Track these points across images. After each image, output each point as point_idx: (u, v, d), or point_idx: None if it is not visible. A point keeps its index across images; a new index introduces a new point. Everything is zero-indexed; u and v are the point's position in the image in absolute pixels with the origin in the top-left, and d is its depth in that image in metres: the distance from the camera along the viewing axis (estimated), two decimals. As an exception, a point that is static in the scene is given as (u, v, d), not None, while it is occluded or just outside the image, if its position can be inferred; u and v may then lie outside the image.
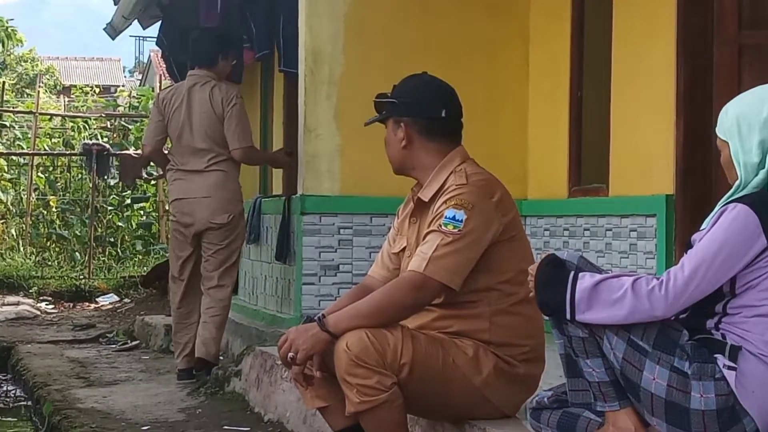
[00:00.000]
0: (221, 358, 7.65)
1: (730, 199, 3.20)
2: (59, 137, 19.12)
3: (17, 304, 13.19)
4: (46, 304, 13.69)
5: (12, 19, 27.79)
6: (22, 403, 8.09)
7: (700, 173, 6.11)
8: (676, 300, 3.13)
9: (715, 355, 3.15)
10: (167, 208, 16.35)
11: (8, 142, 18.92)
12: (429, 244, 3.89)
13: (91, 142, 15.94)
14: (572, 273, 3.25)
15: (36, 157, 17.27)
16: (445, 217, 3.89)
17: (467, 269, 3.90)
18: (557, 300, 3.24)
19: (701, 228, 3.26)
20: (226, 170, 7.33)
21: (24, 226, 16.90)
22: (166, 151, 7.73)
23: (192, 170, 7.35)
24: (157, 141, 7.60)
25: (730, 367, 3.12)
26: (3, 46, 28.25)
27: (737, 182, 3.23)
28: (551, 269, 3.30)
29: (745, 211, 3.13)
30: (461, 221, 3.87)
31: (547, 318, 3.43)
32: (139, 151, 15.40)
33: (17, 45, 30.82)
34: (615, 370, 3.25)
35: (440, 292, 3.91)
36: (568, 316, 3.22)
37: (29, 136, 18.14)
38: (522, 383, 4.05)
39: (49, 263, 15.99)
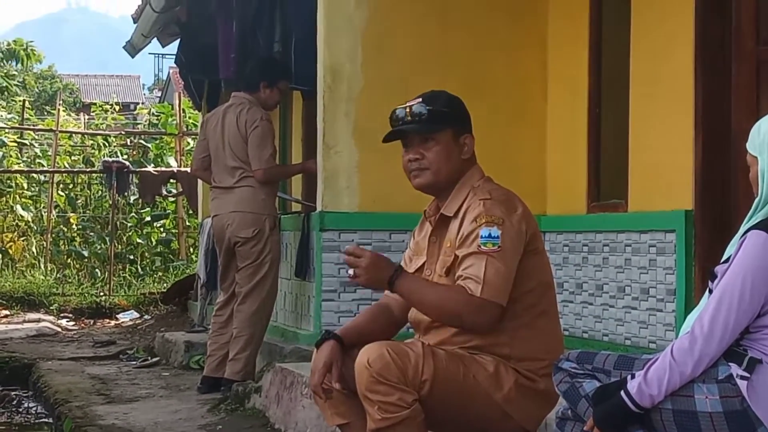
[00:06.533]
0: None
1: (749, 227, 3.22)
2: (79, 155, 19.21)
3: (38, 321, 13.24)
4: (67, 321, 13.73)
5: (32, 41, 27.92)
6: (44, 419, 8.13)
7: (720, 188, 6.11)
8: (712, 338, 3.16)
9: (729, 363, 3.17)
10: (187, 224, 16.49)
11: (29, 160, 19.02)
12: (474, 269, 3.87)
13: (110, 159, 16.02)
14: (621, 391, 3.25)
15: (56, 175, 17.35)
16: (482, 237, 3.89)
17: (510, 284, 3.91)
18: (621, 414, 3.25)
19: (723, 257, 3.28)
20: (253, 186, 7.53)
21: (44, 243, 16.96)
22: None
23: (224, 187, 7.64)
24: (200, 160, 7.93)
25: (742, 377, 3.14)
26: (23, 64, 28.39)
27: (756, 199, 3.25)
28: (605, 406, 3.30)
29: (763, 237, 3.15)
30: (498, 237, 3.88)
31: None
32: (158, 169, 15.55)
33: (36, 63, 30.98)
34: None
35: (499, 313, 3.89)
36: (637, 410, 3.23)
37: (49, 153, 18.22)
38: (542, 398, 4.05)
39: (70, 280, 16.03)
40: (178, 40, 11.65)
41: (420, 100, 4.12)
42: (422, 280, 4.00)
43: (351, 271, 3.94)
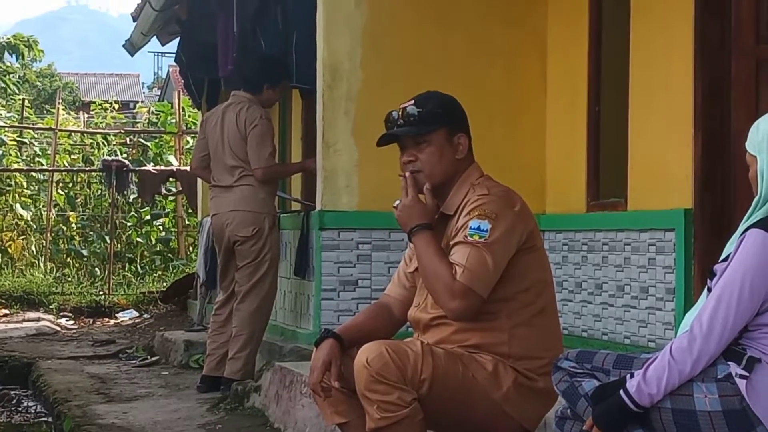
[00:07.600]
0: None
1: (748, 225, 3.22)
2: (79, 153, 19.21)
3: (38, 320, 13.24)
4: (66, 320, 13.72)
5: (32, 36, 27.90)
6: (43, 419, 8.12)
7: (719, 187, 6.11)
8: (711, 337, 3.16)
9: (728, 362, 3.17)
10: (186, 223, 16.49)
11: (28, 159, 19.02)
12: (458, 255, 3.90)
13: (110, 158, 16.03)
14: (621, 390, 3.25)
15: (56, 174, 17.35)
16: (470, 228, 3.91)
17: (494, 278, 3.91)
18: (620, 413, 3.25)
19: (721, 256, 3.28)
20: (253, 185, 7.53)
21: (44, 242, 16.96)
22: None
23: (223, 186, 7.64)
24: (199, 158, 7.94)
25: (741, 376, 3.14)
26: (23, 57, 28.35)
27: (756, 198, 3.26)
28: (604, 405, 3.30)
29: (762, 235, 3.15)
30: (486, 231, 3.90)
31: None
32: (157, 168, 15.55)
33: (36, 59, 30.97)
34: None
35: (476, 304, 3.90)
36: (637, 410, 3.23)
37: (49, 152, 18.22)
38: (541, 397, 4.05)
39: (69, 279, 16.03)
40: (177, 39, 11.66)
41: (412, 102, 4.13)
42: (435, 246, 3.97)
43: (397, 202, 4.05)
